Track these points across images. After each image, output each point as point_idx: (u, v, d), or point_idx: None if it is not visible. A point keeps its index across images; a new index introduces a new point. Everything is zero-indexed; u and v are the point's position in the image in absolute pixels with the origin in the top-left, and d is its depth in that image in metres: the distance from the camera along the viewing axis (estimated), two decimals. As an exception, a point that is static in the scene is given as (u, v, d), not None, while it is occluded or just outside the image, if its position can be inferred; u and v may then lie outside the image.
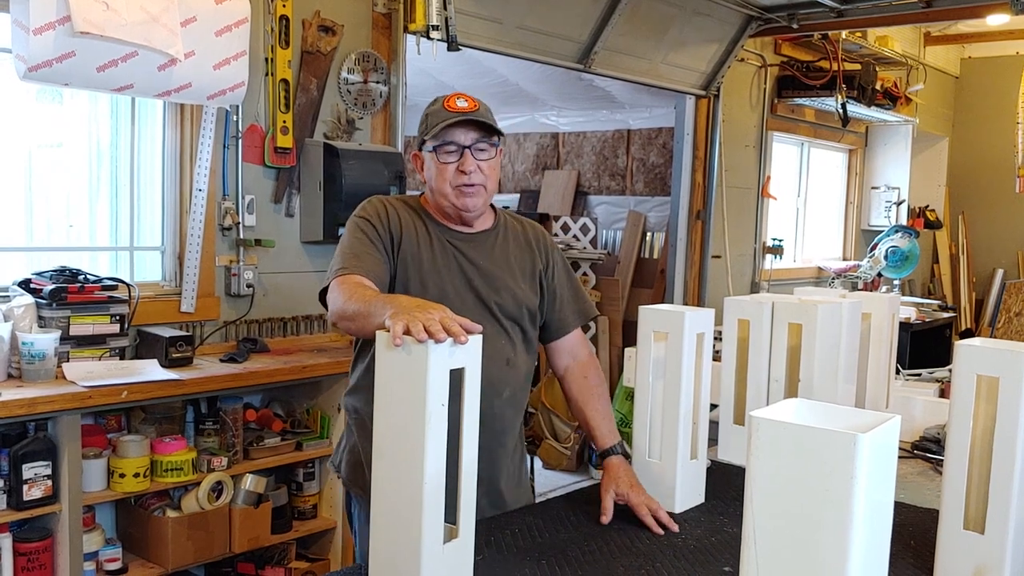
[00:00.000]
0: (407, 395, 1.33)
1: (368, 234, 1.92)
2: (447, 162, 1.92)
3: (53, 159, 3.07)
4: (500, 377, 1.97)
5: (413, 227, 1.98)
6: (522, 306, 2.03)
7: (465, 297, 1.96)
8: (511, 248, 2.07)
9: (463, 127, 1.91)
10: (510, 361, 2.00)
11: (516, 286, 2.03)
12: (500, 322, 1.99)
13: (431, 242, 1.97)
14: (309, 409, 3.31)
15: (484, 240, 2.03)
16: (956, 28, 7.53)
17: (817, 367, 2.00)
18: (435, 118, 1.92)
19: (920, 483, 2.16)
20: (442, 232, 2.00)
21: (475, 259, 2.00)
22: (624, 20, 4.60)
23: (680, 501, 1.88)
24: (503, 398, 1.99)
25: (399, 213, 1.98)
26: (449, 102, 1.93)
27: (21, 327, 2.64)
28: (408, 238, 1.95)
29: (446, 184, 1.93)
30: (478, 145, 1.93)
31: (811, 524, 1.07)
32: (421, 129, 1.96)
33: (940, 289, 8.38)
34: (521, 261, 2.07)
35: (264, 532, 3.03)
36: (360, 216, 1.97)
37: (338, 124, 3.58)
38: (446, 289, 1.93)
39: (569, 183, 6.84)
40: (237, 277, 3.30)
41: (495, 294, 1.99)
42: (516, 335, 2.03)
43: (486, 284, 1.99)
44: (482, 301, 1.97)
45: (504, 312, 2.00)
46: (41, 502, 2.51)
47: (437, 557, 1.36)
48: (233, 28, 2.97)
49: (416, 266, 1.94)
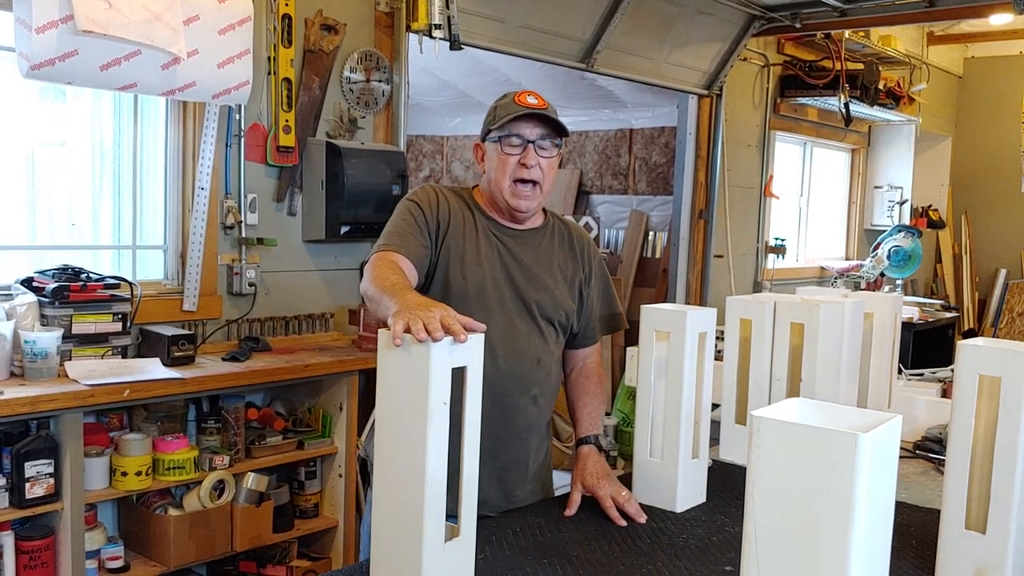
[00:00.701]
0: (409, 393, 1.33)
1: (415, 216, 1.93)
2: (510, 154, 1.94)
3: (56, 157, 3.08)
4: (529, 375, 1.98)
5: (461, 217, 1.99)
6: (560, 309, 2.03)
7: (504, 292, 1.96)
8: (556, 250, 2.07)
9: (531, 122, 1.93)
10: (541, 361, 2.00)
11: (556, 288, 2.03)
12: (536, 321, 2.00)
13: (477, 234, 1.98)
14: (311, 408, 3.31)
15: (531, 238, 2.04)
16: (959, 28, 7.52)
17: (819, 367, 2.00)
18: (504, 110, 1.94)
19: (922, 483, 2.15)
20: (490, 225, 2.01)
21: (519, 255, 2.00)
22: (627, 19, 4.60)
23: (681, 500, 1.88)
24: (530, 396, 1.99)
25: (449, 202, 1.99)
26: (520, 97, 1.95)
27: (24, 325, 2.64)
28: (455, 227, 1.96)
29: (505, 177, 1.94)
30: (541, 143, 1.94)
31: (812, 524, 1.06)
32: (488, 120, 1.97)
33: (943, 289, 8.37)
34: (564, 265, 2.07)
35: (266, 531, 3.03)
36: (410, 199, 1.99)
37: (340, 123, 3.58)
38: (485, 282, 1.94)
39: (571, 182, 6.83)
40: (239, 276, 3.30)
41: (534, 292, 1.99)
42: (550, 336, 2.03)
43: (527, 282, 1.99)
44: (520, 298, 1.98)
45: (541, 312, 2.00)
46: (43, 500, 2.51)
47: (438, 556, 1.36)
48: (236, 27, 2.98)
49: (459, 256, 1.94)
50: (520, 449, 2.01)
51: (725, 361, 2.15)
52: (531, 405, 2.00)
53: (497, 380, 1.89)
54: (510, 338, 1.95)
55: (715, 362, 1.95)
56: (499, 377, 1.91)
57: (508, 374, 1.94)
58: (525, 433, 2.01)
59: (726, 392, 2.17)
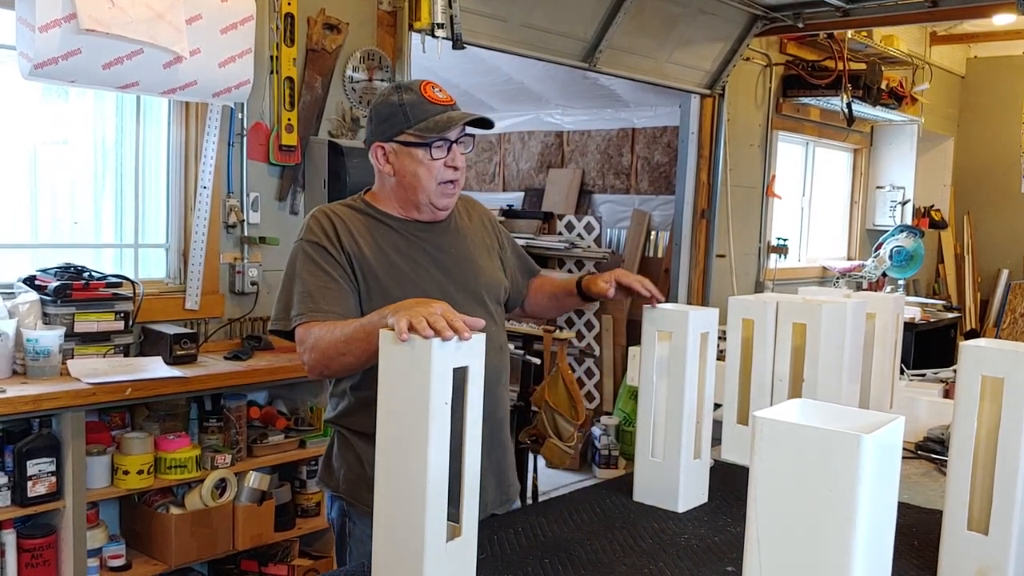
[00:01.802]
0: (410, 394, 1.33)
1: (320, 263, 1.79)
2: (438, 159, 1.83)
3: (58, 156, 3.08)
4: (498, 363, 1.93)
5: (368, 232, 1.85)
6: (500, 286, 2.00)
7: (447, 288, 1.86)
8: (472, 228, 2.02)
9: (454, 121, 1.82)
10: (502, 346, 1.98)
11: (489, 265, 2.00)
12: (486, 306, 1.94)
13: (395, 241, 1.87)
14: (313, 407, 3.31)
15: (447, 227, 1.95)
16: (962, 28, 7.52)
17: (821, 367, 2.00)
18: (420, 110, 1.81)
19: (924, 484, 2.15)
20: (402, 227, 1.89)
21: (446, 247, 1.92)
22: (629, 19, 4.60)
23: (683, 500, 1.88)
24: (501, 384, 1.97)
25: (347, 222, 1.85)
26: (428, 93, 1.83)
27: (26, 324, 2.64)
28: (367, 246, 1.83)
29: (432, 180, 1.84)
30: (462, 139, 1.87)
31: (815, 524, 1.06)
32: (399, 120, 1.82)
33: (945, 289, 8.37)
34: (483, 240, 2.03)
35: (267, 529, 3.04)
36: (306, 240, 1.83)
37: (343, 122, 3.58)
38: (426, 286, 1.83)
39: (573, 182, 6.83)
40: (241, 275, 3.31)
41: (474, 279, 1.93)
42: (500, 318, 2.01)
43: (463, 270, 1.92)
44: (466, 289, 1.90)
45: (488, 295, 1.95)
46: (45, 499, 2.52)
47: (440, 556, 1.36)
48: (238, 26, 2.98)
49: (388, 271, 1.83)
50: (504, 440, 2.01)
51: (727, 361, 2.15)
52: (504, 394, 1.99)
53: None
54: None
55: (717, 362, 1.95)
56: None
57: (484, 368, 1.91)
58: (504, 423, 2.00)
59: (728, 392, 2.17)
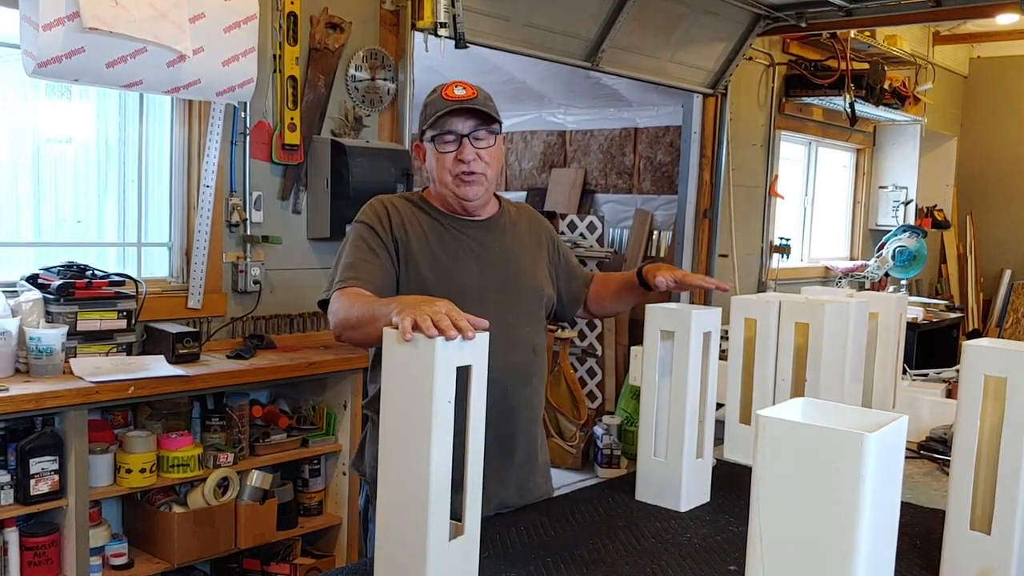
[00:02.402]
0: (414, 393, 1.33)
1: (368, 241, 1.89)
2: (446, 151, 1.89)
3: (61, 154, 3.08)
4: (528, 365, 1.96)
5: (418, 222, 1.94)
6: (542, 291, 2.02)
7: (486, 285, 1.93)
8: (521, 232, 2.05)
9: (460, 115, 1.88)
10: (536, 348, 1.99)
11: (532, 270, 2.02)
12: (520, 307, 1.97)
13: (441, 235, 1.94)
14: (315, 406, 3.31)
15: (494, 226, 2.01)
16: (965, 27, 7.51)
17: (824, 367, 2.00)
18: (433, 107, 1.90)
19: (926, 483, 2.15)
20: (451, 223, 1.97)
21: (490, 245, 1.97)
22: (632, 18, 4.60)
23: (685, 500, 1.88)
24: (531, 386, 1.98)
25: (401, 212, 1.94)
26: (447, 91, 1.89)
27: (29, 322, 2.65)
28: (415, 236, 1.92)
29: (446, 173, 1.90)
30: (476, 133, 1.90)
31: (818, 523, 1.06)
32: (421, 119, 1.93)
33: (947, 289, 8.36)
34: (530, 246, 2.05)
35: (270, 528, 3.04)
36: (360, 221, 1.94)
37: (345, 121, 3.59)
38: (465, 280, 1.90)
39: (576, 181, 6.83)
40: (244, 273, 3.31)
41: (515, 280, 1.97)
42: (538, 321, 2.02)
43: (505, 270, 1.97)
44: (504, 287, 1.95)
45: (526, 297, 1.98)
46: (48, 497, 2.52)
47: (443, 554, 1.36)
48: (242, 24, 2.98)
49: (428, 261, 1.90)
50: (529, 442, 2.01)
51: (729, 361, 2.15)
52: (533, 395, 2.00)
53: (499, 375, 1.88)
54: (503, 330, 1.91)
55: (719, 362, 1.95)
56: (500, 372, 1.89)
57: (508, 367, 1.91)
58: (531, 424, 2.01)
59: (730, 392, 2.17)
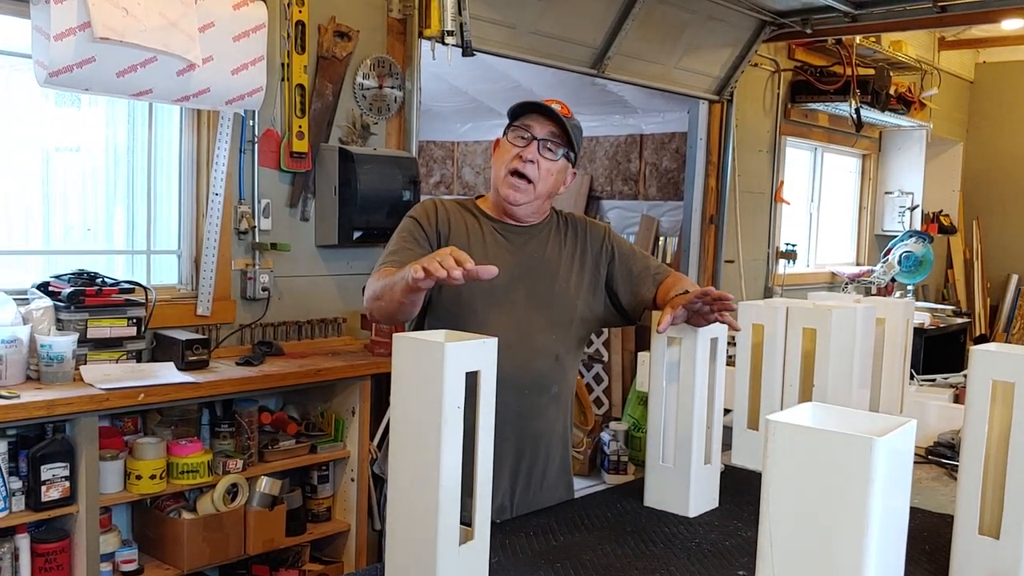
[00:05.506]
0: (423, 397, 1.34)
1: (413, 232, 1.96)
2: (514, 144, 1.93)
3: (71, 163, 3.10)
4: (549, 373, 1.96)
5: (463, 221, 1.99)
6: (576, 301, 2.01)
7: (516, 289, 1.94)
8: (565, 242, 2.05)
9: (544, 120, 1.92)
10: (559, 357, 1.99)
11: (570, 281, 2.01)
12: (552, 317, 1.97)
13: (482, 236, 1.98)
14: (324, 412, 3.32)
15: (536, 234, 2.03)
16: (971, 33, 7.51)
17: (831, 372, 2.00)
18: (524, 105, 1.95)
19: (934, 488, 2.15)
20: (496, 227, 2.00)
21: (529, 251, 1.99)
22: (638, 25, 4.61)
23: (694, 505, 1.88)
24: (551, 394, 1.98)
25: (448, 211, 2.01)
26: (545, 100, 1.95)
27: (39, 330, 2.66)
28: (456, 233, 1.97)
29: (503, 168, 1.94)
30: (548, 143, 1.92)
31: (827, 528, 1.07)
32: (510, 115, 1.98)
33: (954, 294, 8.34)
34: (575, 255, 2.05)
35: (279, 534, 3.05)
36: (409, 215, 2.02)
37: (353, 129, 3.60)
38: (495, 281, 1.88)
39: (582, 187, 6.83)
40: (253, 281, 3.32)
41: (548, 287, 1.98)
42: (567, 331, 2.01)
43: (538, 277, 1.98)
44: (533, 294, 1.96)
45: (556, 306, 1.98)
46: (59, 503, 2.53)
47: (452, 559, 1.37)
48: (250, 33, 3.00)
49: None
50: (542, 451, 2.01)
51: (737, 366, 2.16)
52: (551, 404, 1.99)
53: (517, 379, 1.88)
54: (527, 335, 1.93)
55: (727, 367, 1.95)
56: (519, 376, 1.90)
57: (528, 372, 1.92)
58: (547, 433, 2.01)
59: (738, 397, 2.17)
